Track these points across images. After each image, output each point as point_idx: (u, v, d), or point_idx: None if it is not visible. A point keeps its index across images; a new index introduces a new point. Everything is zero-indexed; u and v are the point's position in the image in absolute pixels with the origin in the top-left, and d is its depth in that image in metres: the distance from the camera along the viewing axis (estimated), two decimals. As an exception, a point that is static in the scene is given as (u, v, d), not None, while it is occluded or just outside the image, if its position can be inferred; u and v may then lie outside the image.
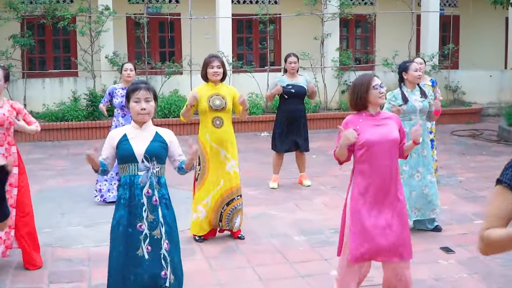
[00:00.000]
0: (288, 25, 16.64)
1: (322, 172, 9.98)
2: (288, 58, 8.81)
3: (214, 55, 6.60)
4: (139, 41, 15.31)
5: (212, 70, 6.40)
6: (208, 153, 6.47)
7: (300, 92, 8.77)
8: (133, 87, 4.26)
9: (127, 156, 4.18)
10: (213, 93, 6.45)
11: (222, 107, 6.43)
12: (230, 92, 6.57)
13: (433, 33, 16.41)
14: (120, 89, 8.10)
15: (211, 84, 6.50)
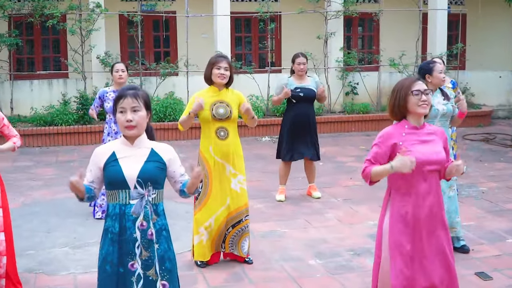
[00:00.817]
0: (289, 23, 15.85)
1: (332, 182, 9.21)
2: (297, 58, 8.03)
3: (222, 55, 5.85)
4: (132, 40, 14.51)
5: (219, 72, 5.62)
6: (211, 168, 5.70)
7: (309, 95, 8.01)
8: (118, 95, 3.51)
9: (116, 181, 3.42)
10: (216, 100, 5.69)
11: (226, 116, 5.67)
12: (236, 99, 5.80)
13: (441, 32, 15.66)
14: (111, 92, 7.33)
15: (214, 89, 5.73)
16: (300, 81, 8.01)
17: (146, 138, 3.58)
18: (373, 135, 14.39)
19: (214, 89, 5.72)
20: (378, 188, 8.89)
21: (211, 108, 5.62)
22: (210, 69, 5.67)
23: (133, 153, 3.48)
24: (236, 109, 5.75)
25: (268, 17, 14.35)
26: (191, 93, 13.89)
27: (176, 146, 13.25)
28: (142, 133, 3.53)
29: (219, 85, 5.71)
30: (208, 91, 5.74)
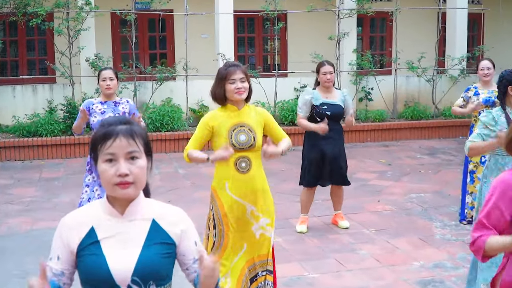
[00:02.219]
0: (296, 23, 14.59)
1: (357, 206, 7.93)
2: (322, 67, 6.72)
3: (233, 64, 4.48)
4: (125, 41, 13.19)
5: (235, 86, 4.31)
6: (227, 210, 4.41)
7: (337, 114, 6.72)
8: (103, 133, 2.18)
9: (98, 280, 2.12)
10: (235, 123, 4.39)
11: (250, 144, 4.38)
12: (260, 118, 4.51)
13: (461, 32, 14.41)
14: (98, 103, 6.04)
15: (232, 108, 4.43)
16: (327, 94, 6.72)
17: (143, 199, 2.28)
18: (391, 145, 13.31)
19: (231, 108, 4.44)
20: (414, 215, 7.67)
21: (229, 135, 4.35)
22: (222, 85, 4.36)
23: (124, 230, 2.20)
24: (260, 133, 4.47)
25: (275, 15, 13.04)
26: (191, 99, 12.62)
27: (174, 160, 12.23)
28: (139, 193, 2.24)
29: (238, 103, 4.43)
30: (225, 111, 4.45)
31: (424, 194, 8.65)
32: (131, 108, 6.09)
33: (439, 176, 9.84)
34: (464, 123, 13.45)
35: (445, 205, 8.07)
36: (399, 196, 8.49)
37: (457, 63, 14.02)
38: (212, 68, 13.24)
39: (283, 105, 12.98)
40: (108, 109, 5.96)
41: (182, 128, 12.13)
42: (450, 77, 14.24)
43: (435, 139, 13.39)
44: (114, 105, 5.99)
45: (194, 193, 8.66)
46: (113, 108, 5.97)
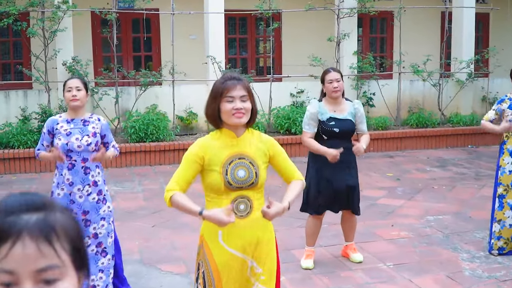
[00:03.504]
0: (292, 23, 13.58)
1: (368, 233, 6.89)
2: (327, 74, 5.64)
3: (233, 76, 3.36)
4: (107, 43, 12.12)
5: (233, 106, 3.26)
6: (221, 268, 3.35)
7: (346, 131, 5.67)
8: None
9: None
10: (233, 153, 3.34)
11: (250, 182, 3.33)
12: (265, 148, 3.45)
13: (468, 34, 13.45)
14: (64, 122, 4.94)
15: (228, 134, 3.37)
16: (335, 107, 5.67)
17: None
18: (397, 156, 12.19)
19: (228, 134, 3.37)
20: (436, 244, 6.62)
21: (224, 169, 3.29)
22: (216, 103, 3.30)
23: None
24: (264, 168, 3.42)
25: (270, 15, 11.99)
26: (178, 106, 11.55)
27: (160, 174, 10.94)
28: None
29: (236, 128, 3.37)
30: (219, 138, 3.38)
31: (443, 216, 7.64)
32: (103, 129, 5.00)
33: (454, 193, 8.85)
34: (474, 131, 12.53)
35: (468, 230, 7.06)
36: (415, 219, 7.48)
37: (465, 66, 13.04)
38: (201, 72, 12.22)
39: (278, 112, 11.95)
40: (75, 129, 4.88)
41: (168, 138, 11.07)
42: (457, 81, 13.27)
43: (443, 149, 12.40)
44: (82, 124, 4.92)
45: (181, 217, 7.58)
46: (81, 128, 4.89)
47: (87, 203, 4.85)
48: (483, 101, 13.83)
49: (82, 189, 4.84)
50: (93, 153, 4.90)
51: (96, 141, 4.87)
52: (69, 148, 4.79)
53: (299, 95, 12.50)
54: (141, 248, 6.43)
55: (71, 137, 4.83)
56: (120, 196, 8.64)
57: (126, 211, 7.87)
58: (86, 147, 4.82)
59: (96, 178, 4.92)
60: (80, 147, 4.80)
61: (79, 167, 4.83)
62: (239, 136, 3.38)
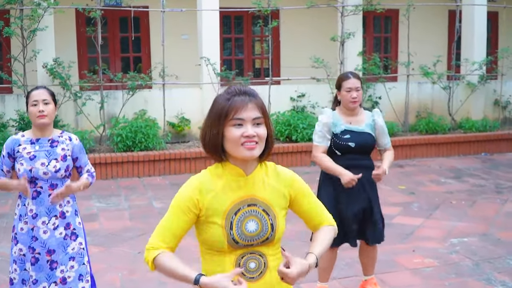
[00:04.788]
0: (291, 21, 12.67)
1: (389, 261, 5.97)
2: (346, 81, 4.68)
3: (242, 91, 2.40)
4: (92, 43, 11.16)
5: (242, 133, 2.34)
6: None
7: (364, 145, 4.74)
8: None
9: None
10: (240, 197, 2.43)
11: (264, 237, 2.44)
12: (284, 188, 2.53)
13: (480, 34, 12.57)
14: (27, 143, 4.00)
15: (235, 171, 2.44)
16: (351, 118, 4.74)
17: None
18: (407, 165, 11.19)
19: (234, 170, 2.44)
20: (467, 275, 5.68)
21: (228, 222, 2.39)
22: (220, 127, 2.37)
23: None
24: (283, 216, 2.50)
25: (269, 12, 11.06)
26: (169, 111, 10.62)
27: (149, 188, 9.63)
28: None
29: (246, 162, 2.43)
30: (221, 176, 2.45)
31: (468, 238, 6.73)
32: (75, 150, 4.06)
33: (476, 209, 7.96)
34: (487, 138, 11.69)
35: (500, 256, 6.16)
36: (438, 243, 6.57)
37: (477, 68, 12.16)
38: (194, 74, 11.29)
39: (278, 117, 11.04)
40: (41, 152, 3.94)
41: (158, 147, 10.12)
42: (468, 83, 12.39)
43: (455, 157, 11.51)
44: (50, 145, 3.97)
45: (172, 240, 6.67)
46: (48, 150, 3.95)
47: (52, 239, 3.92)
48: (495, 105, 12.95)
49: (47, 222, 3.91)
50: (64, 180, 3.98)
51: (66, 166, 3.95)
52: (33, 175, 3.87)
53: (300, 99, 11.59)
54: (123, 282, 5.50)
55: (36, 162, 3.90)
56: (103, 215, 7.70)
57: (110, 233, 6.93)
58: (53, 174, 3.89)
59: (65, 208, 3.99)
60: (47, 174, 3.88)
61: (45, 196, 3.91)
62: (248, 173, 2.45)
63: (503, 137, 11.92)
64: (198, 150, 10.12)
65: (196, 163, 10.01)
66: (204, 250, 2.46)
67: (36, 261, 3.91)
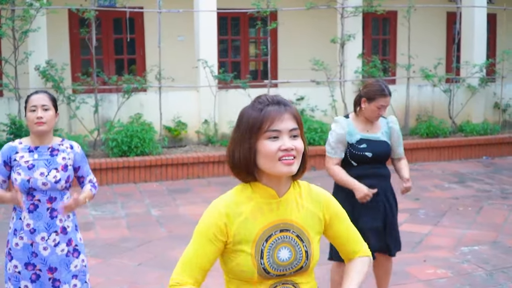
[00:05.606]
0: (289, 23, 12.42)
1: (400, 271, 5.72)
2: (382, 98, 4.30)
3: (276, 100, 2.14)
4: (85, 45, 10.88)
5: (279, 146, 2.07)
6: None
7: (381, 155, 4.48)
8: None
9: None
10: (272, 222, 2.16)
11: (299, 266, 2.17)
12: (319, 211, 2.26)
13: (480, 36, 12.36)
14: (25, 151, 3.72)
15: (266, 193, 2.16)
16: (367, 126, 4.50)
17: None
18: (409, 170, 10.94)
19: (265, 192, 2.17)
20: (480, 284, 5.41)
21: (258, 250, 2.12)
22: (252, 141, 2.10)
23: None
24: (318, 241, 2.24)
25: (268, 13, 10.81)
26: (165, 115, 10.35)
27: (146, 194, 8.91)
28: None
29: (280, 181, 2.17)
30: (250, 198, 2.18)
31: (479, 246, 6.51)
32: (77, 159, 3.78)
33: (484, 215, 7.74)
34: (489, 142, 11.50)
35: (513, 265, 5.95)
36: (448, 251, 6.34)
37: (478, 71, 11.97)
38: (191, 77, 11.04)
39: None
40: (40, 161, 3.66)
41: (155, 152, 9.83)
42: (468, 86, 12.20)
43: (456, 161, 11.31)
44: (49, 154, 3.70)
45: (171, 250, 6.39)
46: (48, 159, 3.67)
47: (54, 257, 3.65)
48: (495, 108, 12.76)
49: (47, 238, 3.64)
50: (64, 192, 3.71)
51: (67, 176, 3.67)
52: (32, 186, 3.59)
53: (298, 103, 11.33)
54: (124, 296, 5.23)
55: (34, 172, 3.62)
56: (99, 223, 7.42)
57: (107, 243, 6.65)
58: (53, 184, 3.61)
59: (66, 223, 3.72)
60: (46, 185, 3.60)
61: (44, 209, 3.63)
62: (281, 195, 2.18)
63: (504, 141, 11.73)
64: (195, 155, 9.85)
65: (194, 169, 9.75)
66: (230, 280, 2.19)
67: (37, 278, 3.64)
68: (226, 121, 10.78)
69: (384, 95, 4.32)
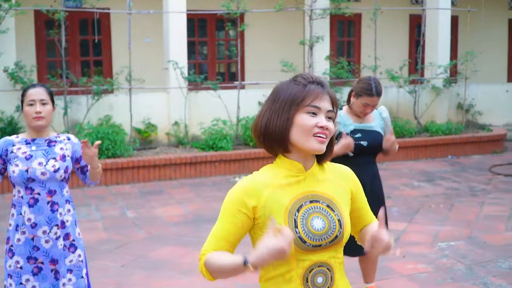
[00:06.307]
0: (254, 25, 12.48)
1: (383, 268, 5.79)
2: (369, 98, 4.45)
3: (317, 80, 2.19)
4: (52, 47, 10.74)
5: (317, 122, 2.13)
6: None
7: (375, 144, 4.61)
8: None
9: None
10: (301, 193, 2.20)
11: (333, 235, 2.19)
12: (346, 185, 2.32)
13: (444, 38, 12.64)
14: (22, 143, 3.70)
15: (294, 166, 2.21)
16: (360, 118, 4.60)
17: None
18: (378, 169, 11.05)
19: (291, 165, 2.22)
20: (463, 280, 5.38)
21: (291, 219, 2.14)
22: (291, 113, 2.15)
23: None
24: (348, 213, 2.29)
25: (238, 15, 10.86)
26: (135, 117, 10.29)
27: (119, 197, 8.89)
28: None
29: (307, 156, 2.23)
30: (277, 172, 2.22)
31: (455, 242, 6.67)
32: (76, 149, 3.78)
33: (455, 212, 7.92)
34: (453, 141, 11.77)
35: (490, 259, 6.11)
36: (426, 247, 6.48)
37: (442, 72, 12.24)
38: (159, 79, 11.00)
39: (247, 122, 10.83)
40: (38, 152, 3.64)
41: (126, 154, 9.77)
42: (433, 87, 12.45)
43: (423, 160, 11.53)
44: (47, 145, 3.69)
45: (152, 251, 6.37)
46: (46, 149, 3.66)
47: (55, 249, 3.64)
48: (458, 109, 13.06)
49: (48, 232, 3.62)
50: (63, 183, 3.70)
51: (65, 167, 3.65)
52: (30, 176, 3.56)
53: (267, 104, 11.39)
54: (112, 297, 5.20)
55: (33, 162, 3.60)
56: (76, 226, 7.33)
57: (86, 246, 6.55)
58: (52, 174, 3.59)
59: (65, 217, 3.70)
60: (45, 175, 3.58)
61: (44, 203, 3.61)
62: (308, 168, 2.24)
63: (469, 140, 12.01)
64: (167, 156, 9.81)
65: (165, 170, 9.71)
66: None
67: (39, 271, 3.62)
68: (197, 122, 10.77)
69: (370, 94, 4.43)
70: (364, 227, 2.43)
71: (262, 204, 2.15)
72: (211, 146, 10.25)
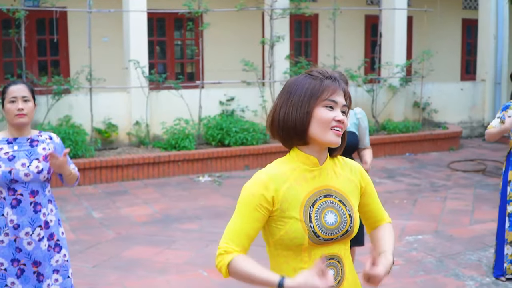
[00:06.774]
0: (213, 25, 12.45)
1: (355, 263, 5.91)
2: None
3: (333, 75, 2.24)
4: (8, 46, 10.51)
5: (334, 116, 2.18)
6: None
7: (350, 146, 4.65)
8: None
9: None
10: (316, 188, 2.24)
11: (344, 230, 2.24)
12: (356, 180, 2.37)
13: (400, 37, 12.85)
14: (3, 143, 3.62)
15: (309, 160, 2.24)
16: None
17: None
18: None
19: (306, 159, 2.25)
20: (435, 271, 5.89)
21: (306, 214, 2.18)
22: (310, 106, 2.18)
23: None
24: (357, 207, 2.34)
25: (200, 14, 10.83)
26: (95, 117, 10.16)
27: (83, 198, 8.82)
28: None
29: (322, 150, 2.27)
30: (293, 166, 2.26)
31: (422, 235, 6.82)
32: (57, 149, 3.71)
33: (420, 207, 8.09)
34: (411, 139, 12.01)
35: (459, 252, 6.27)
36: (395, 241, 6.59)
37: (399, 71, 12.46)
38: (119, 78, 10.88)
39: (209, 122, 10.81)
40: (21, 152, 3.57)
41: (87, 155, 9.63)
42: (390, 86, 12.66)
43: (382, 158, 11.71)
44: (29, 145, 3.61)
45: (124, 251, 6.31)
46: (29, 149, 3.59)
47: (38, 251, 3.56)
48: (414, 107, 13.31)
49: (31, 233, 3.54)
50: (45, 184, 3.63)
51: (49, 167, 3.59)
52: (14, 177, 3.49)
53: (229, 103, 11.41)
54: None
55: (16, 163, 3.52)
56: (42, 227, 7.20)
57: (55, 246, 6.46)
58: (36, 175, 3.53)
59: (48, 217, 3.64)
60: (28, 176, 3.52)
61: (27, 204, 3.54)
62: (322, 163, 2.28)
63: (426, 138, 12.26)
64: (130, 157, 9.72)
65: (128, 171, 9.61)
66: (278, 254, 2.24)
67: (22, 273, 3.54)
68: (158, 122, 10.70)
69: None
70: (375, 225, 2.50)
71: (280, 198, 2.18)
72: (174, 146, 10.19)
